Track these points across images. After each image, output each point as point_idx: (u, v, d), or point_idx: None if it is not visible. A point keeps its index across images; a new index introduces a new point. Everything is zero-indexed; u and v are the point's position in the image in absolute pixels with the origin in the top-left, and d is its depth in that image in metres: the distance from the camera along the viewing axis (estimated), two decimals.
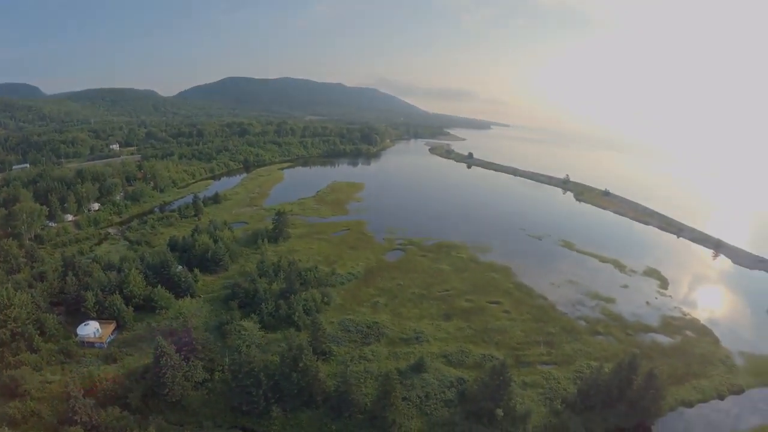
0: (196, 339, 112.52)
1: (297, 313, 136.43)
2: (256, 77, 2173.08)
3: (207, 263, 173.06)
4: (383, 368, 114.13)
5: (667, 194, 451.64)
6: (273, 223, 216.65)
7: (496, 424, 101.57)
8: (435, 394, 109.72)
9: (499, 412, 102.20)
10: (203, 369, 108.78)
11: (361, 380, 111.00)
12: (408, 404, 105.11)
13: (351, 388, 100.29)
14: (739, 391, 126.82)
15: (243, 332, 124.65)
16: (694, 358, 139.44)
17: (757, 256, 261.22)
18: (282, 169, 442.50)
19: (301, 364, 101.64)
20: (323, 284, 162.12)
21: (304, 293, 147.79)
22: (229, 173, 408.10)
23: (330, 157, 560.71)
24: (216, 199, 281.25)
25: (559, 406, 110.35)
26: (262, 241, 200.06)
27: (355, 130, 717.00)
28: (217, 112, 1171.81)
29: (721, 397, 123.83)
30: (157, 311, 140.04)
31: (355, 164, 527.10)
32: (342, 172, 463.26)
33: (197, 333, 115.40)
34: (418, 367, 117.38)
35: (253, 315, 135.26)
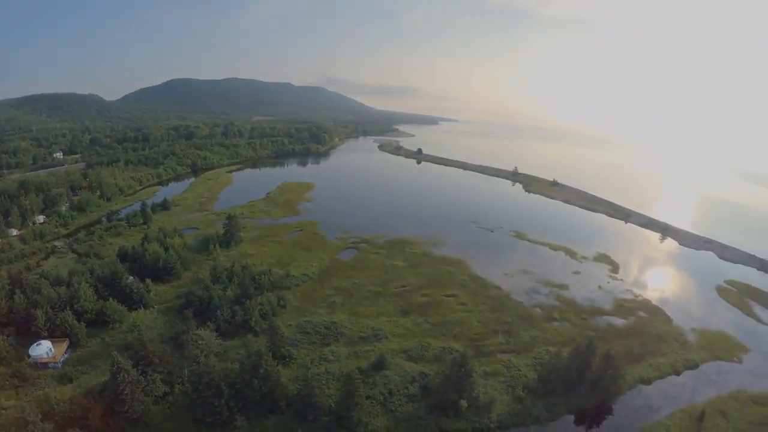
0: (152, 351, 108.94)
1: (254, 318, 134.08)
2: (202, 78, 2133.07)
3: (159, 272, 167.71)
4: (344, 368, 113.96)
5: (620, 183, 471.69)
6: (224, 227, 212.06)
7: (461, 415, 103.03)
8: (398, 390, 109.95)
9: (463, 403, 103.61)
10: (162, 382, 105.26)
11: (324, 382, 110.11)
12: (372, 402, 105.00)
13: (314, 391, 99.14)
14: (694, 366, 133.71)
15: (200, 341, 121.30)
16: (649, 338, 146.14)
17: (703, 237, 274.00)
18: (231, 171, 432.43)
19: (261, 370, 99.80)
20: (278, 287, 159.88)
21: (259, 297, 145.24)
22: (177, 178, 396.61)
23: (279, 157, 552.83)
24: (165, 205, 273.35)
25: (521, 393, 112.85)
26: (214, 246, 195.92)
27: (304, 129, 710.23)
28: (163, 115, 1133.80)
29: (677, 373, 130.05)
30: (111, 325, 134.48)
31: (304, 164, 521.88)
32: (292, 172, 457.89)
33: (153, 345, 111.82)
34: (379, 365, 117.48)
35: (209, 323, 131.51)
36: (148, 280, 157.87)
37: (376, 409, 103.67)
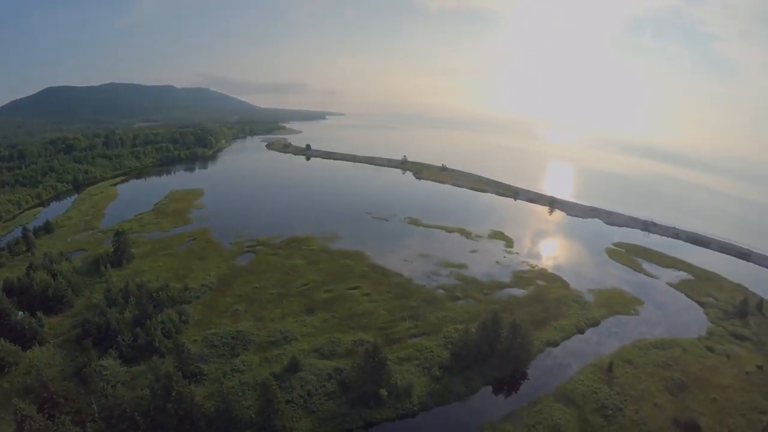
0: (55, 391, 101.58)
1: (157, 339, 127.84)
2: (80, 85, 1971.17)
3: (49, 303, 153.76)
4: (258, 376, 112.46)
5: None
6: (113, 245, 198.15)
7: (384, 404, 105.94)
8: (316, 390, 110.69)
9: (383, 391, 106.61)
10: (73, 423, 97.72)
11: (240, 394, 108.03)
12: (293, 406, 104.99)
13: (231, 405, 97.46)
14: (596, 323, 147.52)
15: (104, 372, 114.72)
16: (550, 303, 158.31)
17: (588, 206, 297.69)
18: (115, 184, 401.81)
19: (173, 393, 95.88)
20: (178, 302, 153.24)
21: (159, 315, 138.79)
22: (59, 197, 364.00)
23: (165, 164, 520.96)
24: (48, 227, 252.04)
25: (437, 373, 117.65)
26: (105, 267, 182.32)
27: (189, 133, 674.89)
28: (39, 128, 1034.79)
29: (582, 332, 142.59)
30: (6, 369, 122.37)
31: (192, 170, 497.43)
32: (179, 179, 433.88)
33: (56, 384, 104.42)
34: (293, 367, 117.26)
35: (110, 350, 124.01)
36: (39, 313, 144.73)
37: (298, 413, 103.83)
